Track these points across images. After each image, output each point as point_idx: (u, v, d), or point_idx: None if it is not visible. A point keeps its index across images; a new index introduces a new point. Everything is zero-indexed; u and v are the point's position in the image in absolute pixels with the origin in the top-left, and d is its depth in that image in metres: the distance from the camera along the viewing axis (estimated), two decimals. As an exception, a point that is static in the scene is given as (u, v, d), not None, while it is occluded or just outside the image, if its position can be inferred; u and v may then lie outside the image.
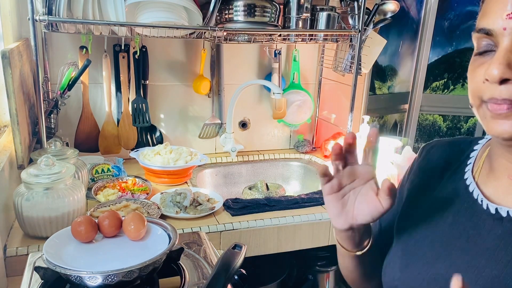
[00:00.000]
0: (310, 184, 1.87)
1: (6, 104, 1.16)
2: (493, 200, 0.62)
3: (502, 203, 0.61)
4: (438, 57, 2.40)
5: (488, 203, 0.62)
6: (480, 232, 0.61)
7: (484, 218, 0.62)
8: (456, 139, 0.76)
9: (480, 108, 0.58)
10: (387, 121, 2.47)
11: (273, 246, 1.34)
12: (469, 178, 0.67)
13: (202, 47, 1.71)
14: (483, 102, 0.56)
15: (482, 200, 0.63)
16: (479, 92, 0.56)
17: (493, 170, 0.64)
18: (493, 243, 0.60)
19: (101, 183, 1.44)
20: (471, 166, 0.69)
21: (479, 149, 0.70)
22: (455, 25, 2.35)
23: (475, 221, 0.63)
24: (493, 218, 0.61)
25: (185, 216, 1.29)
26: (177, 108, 1.79)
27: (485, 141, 0.71)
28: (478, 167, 0.67)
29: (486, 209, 0.62)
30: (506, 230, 0.59)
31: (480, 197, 0.63)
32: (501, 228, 0.59)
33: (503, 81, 0.53)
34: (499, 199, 0.62)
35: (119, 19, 1.33)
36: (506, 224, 0.59)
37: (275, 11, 1.55)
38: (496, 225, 0.60)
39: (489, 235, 0.60)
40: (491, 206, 0.61)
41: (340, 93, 1.96)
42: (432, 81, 2.44)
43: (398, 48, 2.32)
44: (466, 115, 2.55)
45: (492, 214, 0.61)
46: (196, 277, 0.84)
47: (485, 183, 0.65)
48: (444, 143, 0.77)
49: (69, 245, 0.79)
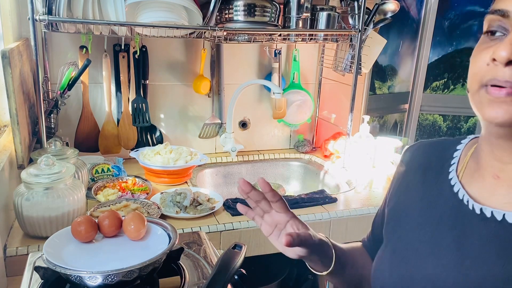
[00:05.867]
0: (310, 184, 1.87)
1: (6, 104, 1.16)
2: (478, 200, 0.62)
3: (487, 203, 0.61)
4: (438, 57, 2.40)
5: (474, 204, 0.62)
6: (466, 233, 0.61)
7: (469, 219, 0.62)
8: (439, 140, 0.77)
9: (477, 93, 0.57)
10: (387, 121, 2.47)
11: (273, 246, 1.33)
12: (454, 178, 0.67)
13: (202, 47, 1.71)
14: (482, 87, 0.56)
15: (468, 200, 0.63)
16: (480, 74, 0.56)
17: (478, 169, 0.64)
18: (479, 244, 0.59)
19: (101, 183, 1.44)
20: (455, 166, 0.68)
21: (462, 148, 0.70)
22: (455, 24, 2.35)
23: (461, 222, 0.62)
24: (479, 218, 0.60)
25: (185, 216, 1.29)
26: (177, 108, 1.79)
27: (467, 141, 0.71)
28: (463, 166, 0.67)
29: (471, 209, 0.62)
30: (491, 230, 0.59)
31: (465, 198, 0.63)
32: (486, 229, 0.59)
33: (508, 63, 0.52)
34: (484, 199, 0.62)
35: (119, 19, 1.33)
36: (491, 224, 0.59)
37: (275, 11, 1.55)
38: (482, 226, 0.60)
39: (474, 236, 0.60)
40: (476, 206, 0.61)
41: (340, 93, 1.96)
42: (432, 81, 2.44)
43: (398, 48, 2.32)
44: (466, 115, 2.55)
45: (477, 215, 0.61)
46: (196, 277, 0.84)
47: (470, 183, 0.65)
48: (426, 144, 0.77)
49: (69, 245, 0.79)
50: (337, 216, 1.39)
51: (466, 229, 0.61)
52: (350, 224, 1.41)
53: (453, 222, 0.63)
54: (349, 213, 1.41)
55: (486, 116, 0.56)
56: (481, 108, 0.57)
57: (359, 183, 1.61)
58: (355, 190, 1.58)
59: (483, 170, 0.63)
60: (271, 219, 0.77)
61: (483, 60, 0.56)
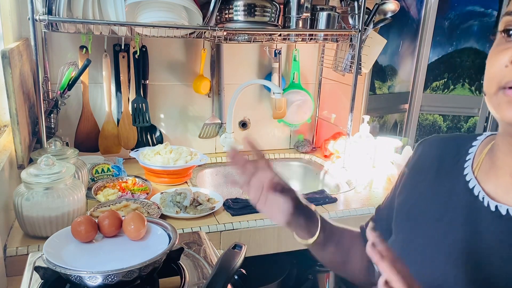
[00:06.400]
0: (310, 184, 1.87)
1: (6, 104, 1.16)
2: (493, 197, 0.62)
3: (502, 201, 0.61)
4: (438, 57, 2.40)
5: (489, 200, 0.62)
6: (479, 229, 0.61)
7: (484, 215, 0.62)
8: (453, 135, 0.76)
9: (495, 95, 0.57)
10: (387, 121, 2.47)
11: (273, 246, 1.34)
12: (469, 174, 0.67)
13: (202, 47, 1.71)
14: (501, 89, 0.56)
15: (483, 197, 0.63)
16: (499, 76, 0.56)
17: (494, 167, 0.64)
18: (493, 241, 0.59)
19: (101, 183, 1.44)
20: (471, 162, 0.68)
21: (478, 145, 0.70)
22: (455, 24, 2.35)
23: (475, 218, 0.62)
24: (493, 215, 0.61)
25: (185, 216, 1.29)
26: (177, 108, 1.79)
27: (484, 137, 0.71)
28: (478, 163, 0.67)
29: (486, 206, 0.62)
30: (506, 228, 0.59)
31: (481, 194, 0.63)
32: (500, 226, 0.59)
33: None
34: (499, 197, 0.62)
35: (119, 19, 1.33)
36: (506, 222, 0.59)
37: (275, 10, 1.55)
38: (496, 223, 0.60)
39: (488, 232, 0.60)
40: (492, 203, 0.61)
41: (340, 93, 1.96)
42: (432, 81, 2.44)
43: (398, 48, 2.32)
44: (466, 115, 2.55)
45: (492, 212, 0.61)
46: (196, 277, 0.84)
47: (485, 180, 0.65)
48: (440, 139, 0.77)
49: (69, 245, 0.79)
50: (337, 216, 1.39)
51: (479, 225, 0.61)
52: (350, 224, 1.39)
53: (466, 218, 0.63)
54: (349, 213, 1.41)
55: (505, 118, 0.56)
56: (500, 110, 0.57)
57: (359, 183, 1.61)
58: (355, 190, 1.58)
59: (498, 168, 0.63)
60: (257, 180, 0.74)
61: (501, 62, 0.56)
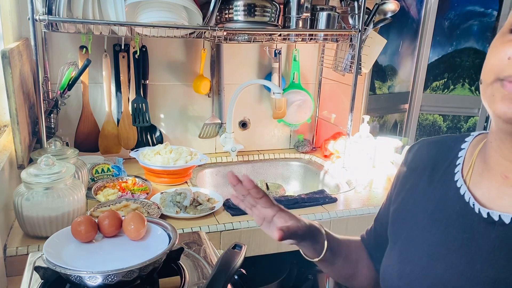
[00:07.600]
0: (310, 184, 1.87)
1: (6, 104, 1.16)
2: (485, 203, 0.61)
3: (494, 207, 0.60)
4: (438, 57, 2.40)
5: (480, 208, 0.61)
6: (474, 236, 0.61)
7: (477, 222, 0.61)
8: (441, 138, 0.75)
9: (491, 85, 0.55)
10: (387, 121, 2.47)
11: (273, 246, 1.34)
12: (460, 180, 0.65)
13: (202, 47, 1.71)
14: (498, 80, 0.54)
15: (474, 204, 0.62)
16: (498, 68, 0.54)
17: (487, 168, 0.63)
18: (487, 247, 0.59)
19: (101, 183, 1.44)
20: (461, 166, 0.67)
21: (466, 147, 0.69)
22: (455, 24, 2.35)
23: (468, 225, 0.62)
24: (486, 222, 0.60)
25: (185, 216, 1.29)
26: (177, 108, 1.79)
27: (471, 139, 0.69)
28: (470, 166, 0.66)
29: (478, 213, 0.61)
30: (499, 234, 0.58)
31: (471, 201, 0.62)
32: (494, 232, 0.59)
33: None
34: (491, 202, 0.61)
35: (119, 19, 1.33)
36: (499, 228, 0.58)
37: (275, 10, 1.55)
38: (489, 229, 0.59)
39: (483, 239, 0.60)
40: (483, 210, 0.60)
41: (340, 93, 1.96)
42: (432, 81, 2.44)
43: (398, 48, 2.32)
44: (466, 115, 2.55)
45: (485, 218, 0.60)
46: (196, 277, 0.84)
47: (478, 183, 0.63)
48: (430, 143, 0.75)
49: (69, 245, 0.79)
50: (337, 216, 1.39)
51: (475, 232, 0.61)
52: (350, 224, 1.41)
53: (461, 225, 0.62)
54: (349, 213, 1.41)
55: (497, 111, 0.55)
56: (493, 102, 0.55)
57: (359, 183, 1.61)
58: (355, 190, 1.58)
59: (491, 169, 0.62)
60: (259, 212, 0.77)
61: (504, 53, 0.54)
